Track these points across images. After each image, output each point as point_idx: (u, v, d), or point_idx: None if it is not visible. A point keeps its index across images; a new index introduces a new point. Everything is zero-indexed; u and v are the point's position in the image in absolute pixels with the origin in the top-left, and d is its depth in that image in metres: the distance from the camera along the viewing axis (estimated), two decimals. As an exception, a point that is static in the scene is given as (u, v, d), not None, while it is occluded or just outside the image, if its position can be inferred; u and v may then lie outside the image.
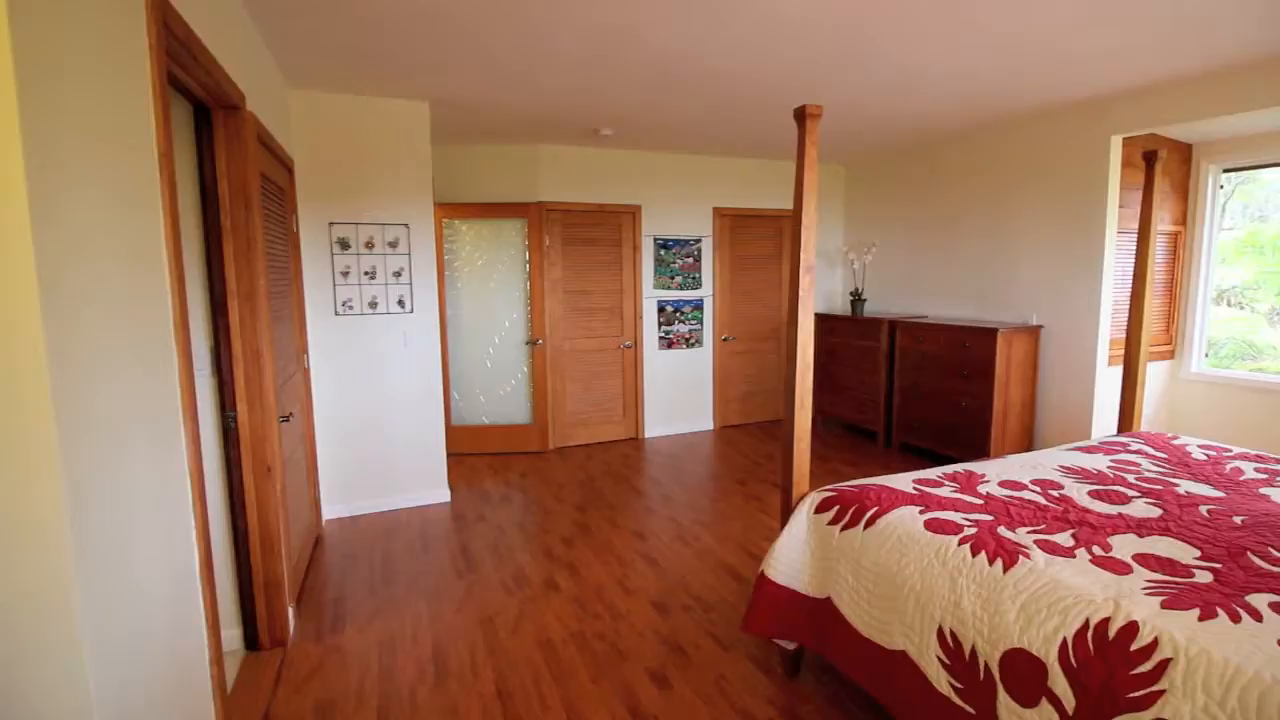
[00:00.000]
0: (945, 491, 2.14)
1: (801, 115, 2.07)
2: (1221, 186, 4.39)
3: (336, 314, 3.59)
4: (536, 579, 2.94)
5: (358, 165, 3.56)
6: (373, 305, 3.66)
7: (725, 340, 5.68)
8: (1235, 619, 1.35)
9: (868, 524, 1.97)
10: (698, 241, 5.46)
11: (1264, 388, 4.15)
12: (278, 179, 2.90)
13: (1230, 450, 2.60)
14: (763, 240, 5.74)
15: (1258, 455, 2.54)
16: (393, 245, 3.67)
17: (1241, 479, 2.27)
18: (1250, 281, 4.49)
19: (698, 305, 5.52)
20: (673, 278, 5.41)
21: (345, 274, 3.59)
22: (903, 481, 2.24)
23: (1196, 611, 1.38)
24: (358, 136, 3.55)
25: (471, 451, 4.93)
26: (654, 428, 5.46)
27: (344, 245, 3.57)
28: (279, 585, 2.37)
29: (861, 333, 5.22)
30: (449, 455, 4.49)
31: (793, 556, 2.12)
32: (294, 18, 2.51)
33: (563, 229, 4.99)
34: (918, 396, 4.72)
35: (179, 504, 1.48)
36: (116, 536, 1.14)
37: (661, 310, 5.40)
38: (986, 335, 4.16)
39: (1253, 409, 4.19)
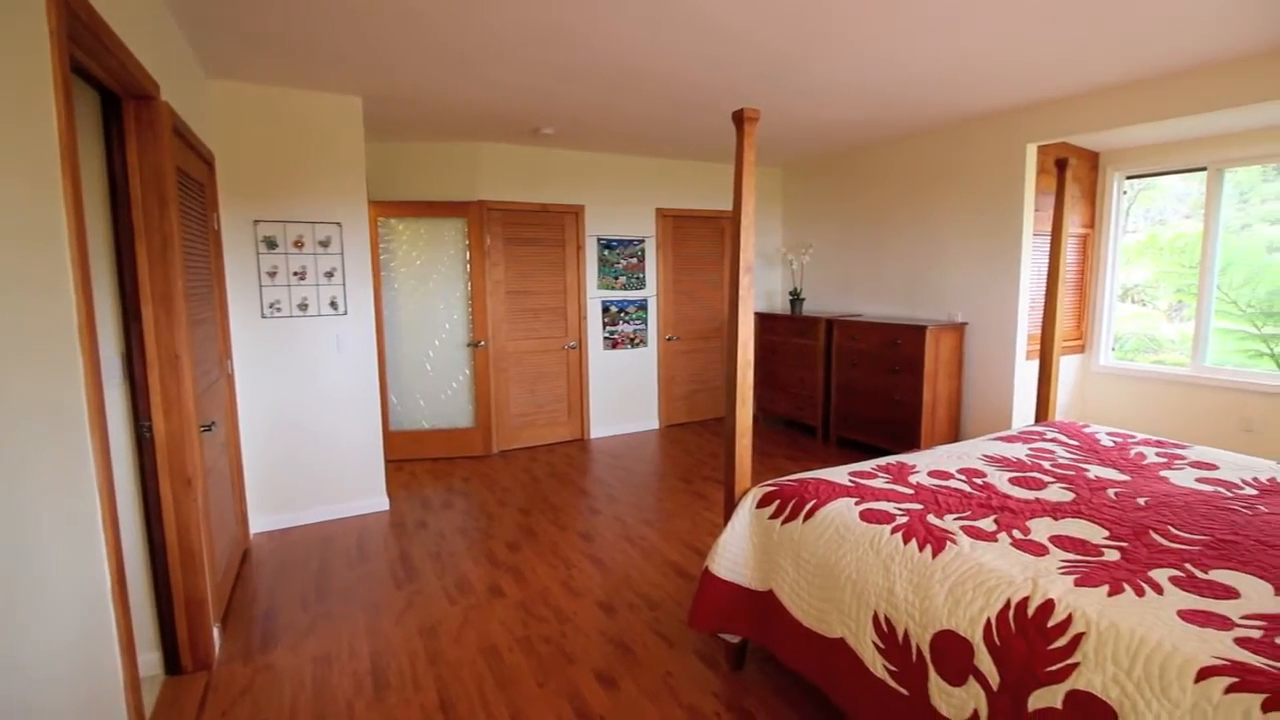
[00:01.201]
0: (879, 483, 2.22)
1: (739, 119, 2.10)
2: (1125, 192, 4.74)
3: (263, 316, 3.42)
4: (480, 585, 2.88)
5: (285, 161, 3.40)
6: (303, 307, 3.50)
7: (670, 340, 5.72)
8: (1140, 593, 1.46)
9: (807, 517, 2.03)
10: (641, 242, 5.48)
11: (1163, 378, 4.50)
12: (196, 174, 2.74)
13: (1134, 437, 2.81)
14: (705, 240, 5.82)
15: (1158, 441, 2.75)
16: (324, 245, 3.52)
17: (1144, 463, 2.45)
18: (1151, 280, 4.86)
19: (642, 305, 5.55)
20: (617, 278, 5.42)
21: (272, 274, 3.42)
22: (839, 474, 2.31)
23: (1106, 588, 1.48)
24: (285, 131, 3.39)
25: (411, 457, 4.79)
26: (599, 428, 5.45)
27: (271, 244, 3.41)
28: (202, 604, 2.24)
29: (800, 331, 5.36)
30: (387, 462, 4.35)
31: (736, 551, 2.16)
32: (211, 4, 2.38)
33: (504, 229, 4.92)
34: (854, 392, 4.89)
35: (87, 521, 1.38)
36: (12, 559, 1.05)
37: (606, 310, 5.40)
38: (916, 333, 4.34)
39: (1154, 398, 4.54)
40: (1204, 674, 1.18)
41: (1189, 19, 2.57)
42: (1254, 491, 2.14)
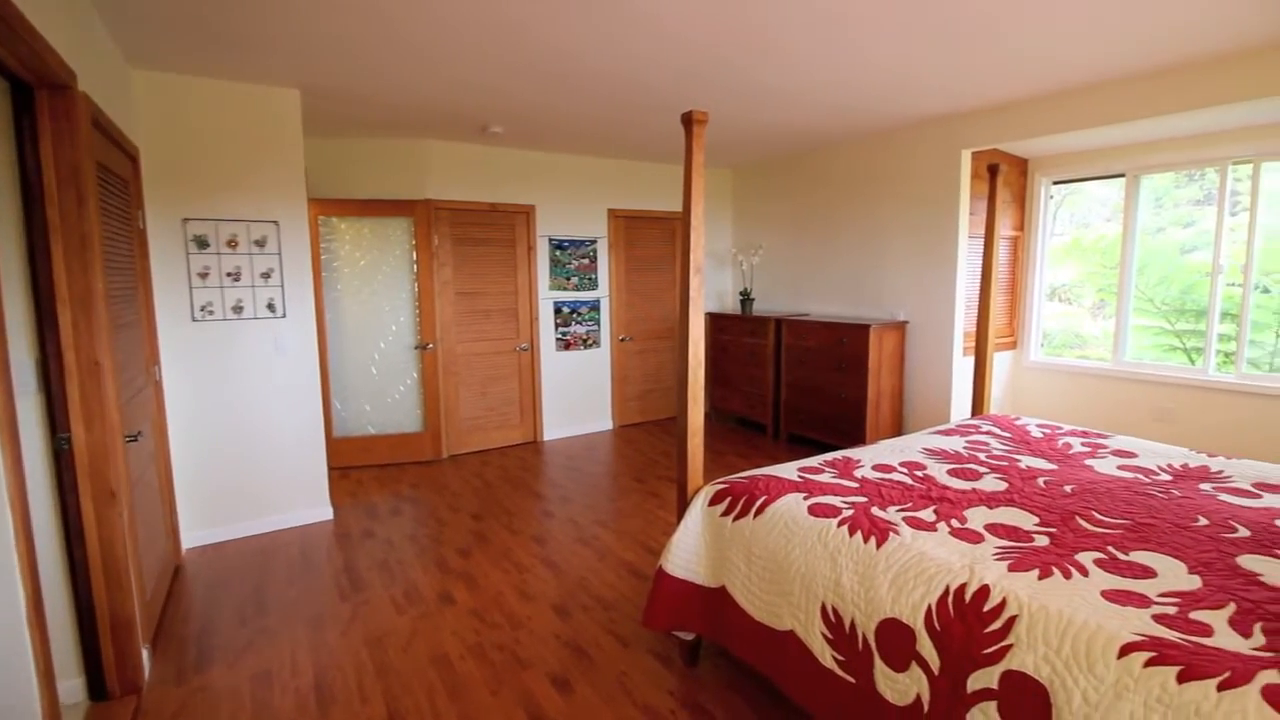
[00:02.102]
0: (826, 477, 2.28)
1: (688, 121, 2.12)
2: (1052, 197, 5.00)
3: (194, 320, 3.26)
4: (430, 593, 2.82)
5: (217, 156, 3.25)
6: (237, 310, 3.35)
7: (623, 340, 5.73)
8: (1067, 575, 1.54)
9: (757, 513, 2.06)
10: (593, 242, 5.47)
11: (1088, 372, 4.77)
12: (119, 169, 2.59)
13: (1062, 428, 2.97)
14: (657, 241, 5.85)
15: (1083, 431, 2.91)
16: (260, 244, 3.38)
17: (1071, 453, 2.59)
18: (1076, 280, 5.15)
19: (594, 306, 5.53)
20: (569, 278, 5.39)
21: (204, 276, 3.26)
22: (788, 470, 2.36)
23: (1036, 572, 1.56)
24: (217, 124, 3.24)
25: (357, 464, 4.65)
26: (553, 430, 5.41)
27: (201, 244, 3.25)
28: (129, 624, 2.11)
29: (751, 330, 5.45)
30: (331, 469, 4.20)
31: (689, 549, 2.18)
32: (133, -10, 2.25)
33: (453, 228, 4.83)
34: (803, 390, 5.00)
35: (-5, 540, 1.28)
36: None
37: (558, 311, 5.36)
38: (861, 331, 4.48)
39: (1079, 391, 4.81)
40: (1125, 650, 1.26)
41: (1105, 37, 2.73)
42: (1169, 477, 2.29)
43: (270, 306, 3.43)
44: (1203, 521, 1.84)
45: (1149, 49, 2.90)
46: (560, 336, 5.39)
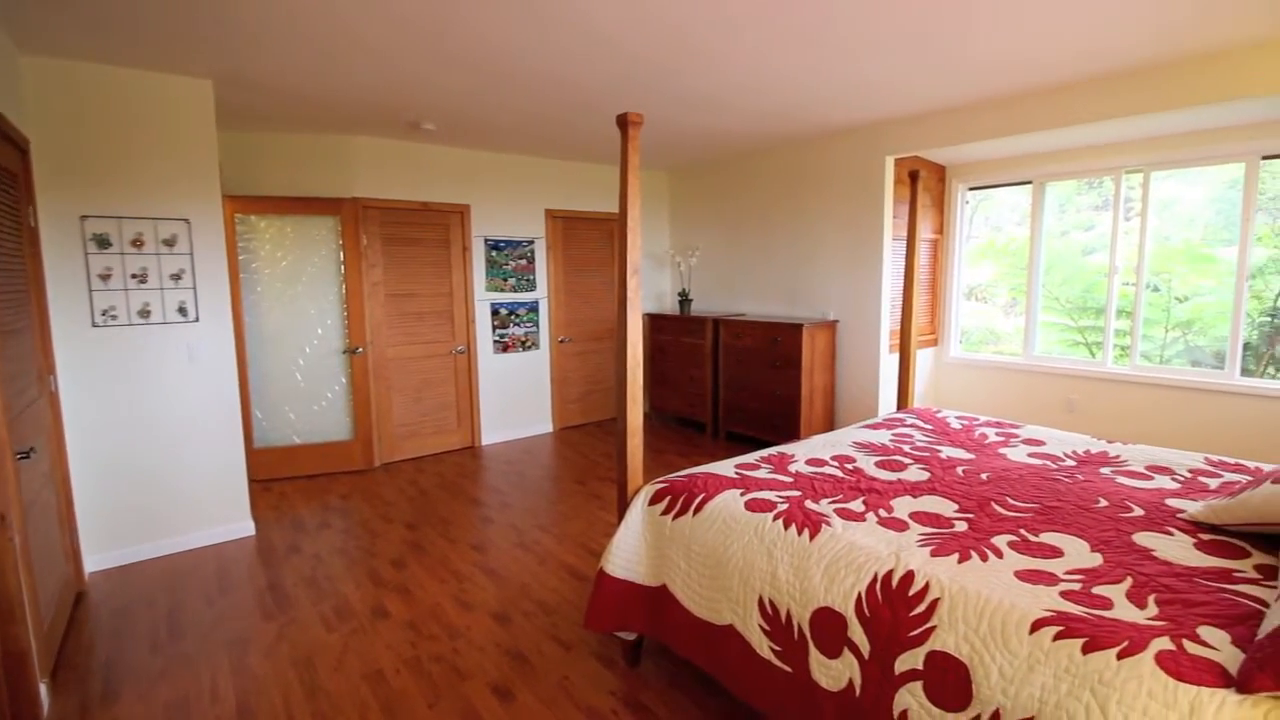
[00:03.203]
0: (762, 473, 2.33)
1: (623, 123, 2.13)
2: (968, 202, 5.29)
3: (95, 325, 3.02)
4: (362, 608, 2.71)
5: (120, 149, 3.03)
6: (144, 314, 3.13)
7: (562, 342, 5.69)
8: (984, 558, 1.63)
9: (696, 510, 2.09)
10: (531, 243, 5.40)
11: (1002, 366, 5.08)
12: (5, 162, 2.37)
13: (978, 419, 3.14)
14: (595, 242, 5.83)
15: (998, 422, 3.09)
16: (169, 243, 3.17)
17: (986, 442, 2.75)
18: (991, 280, 5.47)
19: (533, 307, 5.47)
20: (506, 279, 5.30)
21: (105, 277, 3.03)
22: (726, 468, 2.40)
23: (956, 556, 1.64)
24: (119, 115, 3.01)
25: (281, 476, 4.42)
26: (491, 434, 5.31)
27: (102, 243, 3.02)
28: (23, 658, 1.94)
29: (689, 330, 5.52)
30: (253, 482, 3.98)
31: (629, 549, 2.18)
32: (17, -34, 2.07)
33: (383, 228, 4.67)
34: (740, 388, 5.10)
35: None
36: None
37: (495, 313, 5.27)
38: (794, 330, 4.61)
39: (994, 384, 5.11)
40: (1036, 625, 1.34)
41: (1010, 54, 2.91)
42: (1073, 463, 2.46)
43: (182, 310, 3.22)
44: (1103, 503, 1.99)
45: (1051, 68, 3.11)
46: (498, 338, 5.30)
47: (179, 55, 2.87)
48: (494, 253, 5.21)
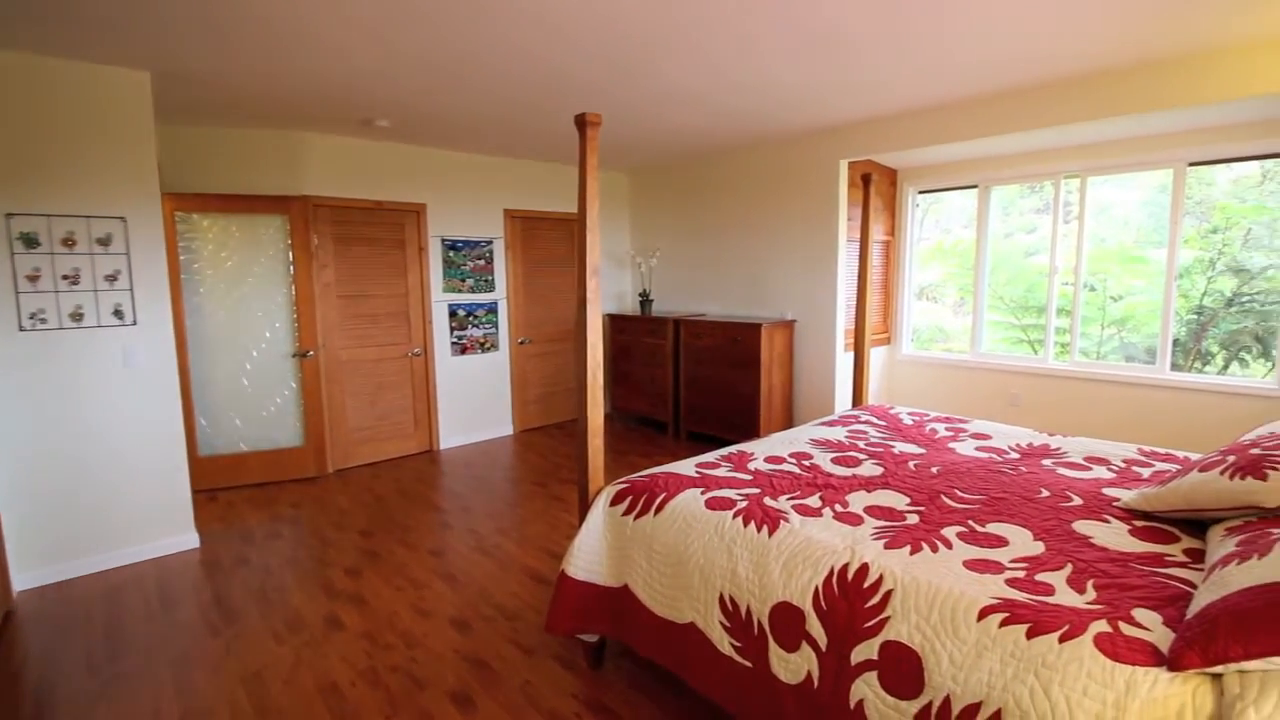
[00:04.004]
0: (722, 472, 2.35)
1: (581, 123, 2.12)
2: (918, 205, 5.45)
3: (22, 329, 2.85)
4: (315, 619, 2.63)
5: (48, 144, 2.86)
6: (76, 317, 2.97)
7: (522, 343, 5.63)
8: (934, 549, 1.68)
9: (657, 510, 2.09)
10: (489, 243, 5.33)
11: (951, 364, 5.25)
12: (-86, 154, 2.21)
13: (929, 415, 3.24)
14: (556, 242, 5.79)
15: (947, 418, 3.19)
16: (104, 243, 3.01)
17: (936, 437, 2.84)
18: (940, 280, 5.65)
19: (492, 308, 5.40)
20: (464, 280, 5.22)
21: (33, 279, 2.86)
22: (687, 467, 2.42)
23: (908, 548, 1.69)
24: (48, 108, 2.85)
25: (228, 485, 4.25)
26: (450, 438, 5.22)
27: (30, 242, 2.85)
28: (-60, 685, 1.81)
29: (650, 331, 5.53)
30: (197, 492, 3.81)
31: (591, 551, 2.17)
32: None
33: (334, 227, 4.54)
34: (700, 388, 5.14)
35: None
36: None
37: (453, 314, 5.18)
38: (753, 330, 4.67)
39: (944, 380, 5.28)
40: (984, 613, 1.39)
41: (956, 62, 3.01)
42: (1017, 455, 2.56)
43: (118, 313, 3.07)
44: (1045, 493, 2.07)
45: (995, 77, 3.23)
46: (456, 340, 5.21)
47: (114, 45, 2.73)
48: (451, 253, 5.13)
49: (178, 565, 3.14)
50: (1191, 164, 4.06)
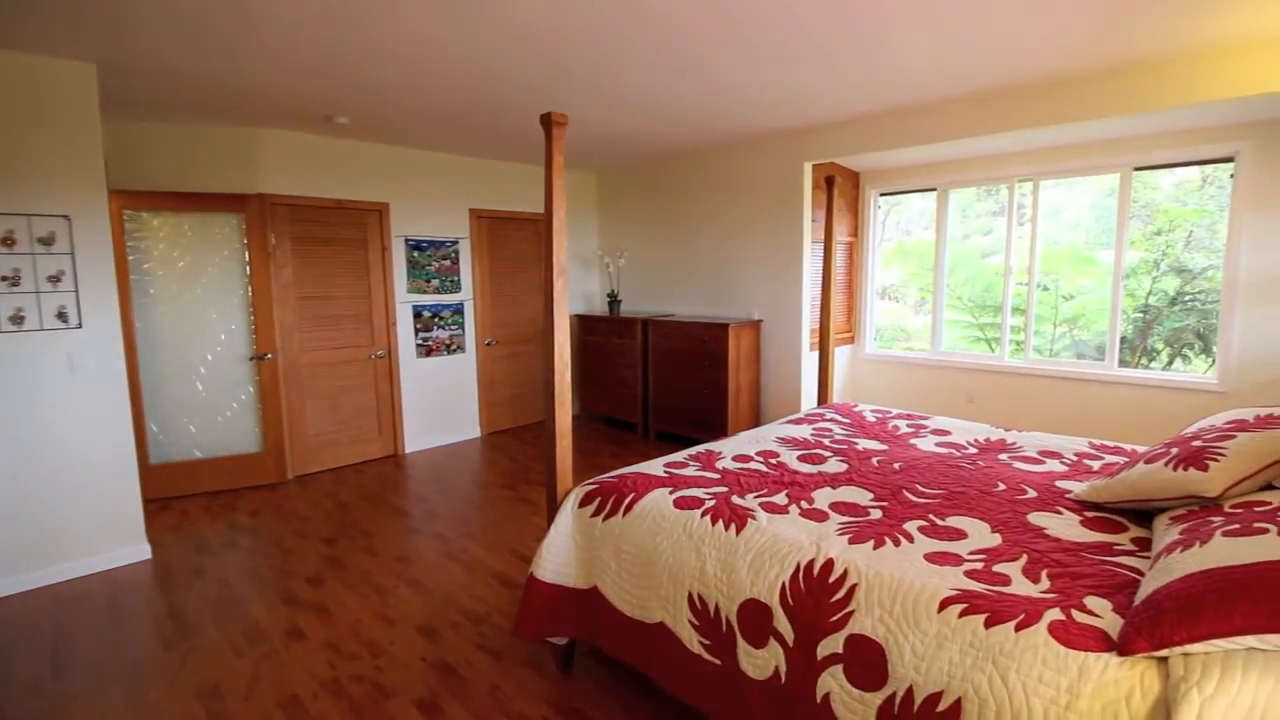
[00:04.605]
0: (690, 471, 2.37)
1: (547, 122, 2.10)
2: (879, 207, 5.57)
3: (-45, 333, 2.71)
4: (275, 630, 2.55)
5: (-19, 138, 2.73)
6: (16, 320, 2.83)
7: (489, 344, 5.56)
8: (897, 544, 1.72)
9: (626, 511, 2.09)
10: (455, 243, 5.26)
11: (912, 362, 5.38)
12: None
13: (891, 412, 3.31)
14: (522, 243, 5.74)
15: (908, 414, 3.26)
16: (46, 242, 2.88)
17: (899, 434, 2.90)
18: (901, 281, 5.78)
19: (458, 309, 5.32)
20: (429, 281, 5.13)
21: (-32, 280, 2.72)
22: (655, 467, 2.42)
23: (872, 542, 1.72)
24: (-21, 100, 2.72)
25: (181, 494, 4.10)
26: (415, 442, 5.13)
27: (-37, 242, 2.71)
28: None
29: (619, 331, 5.53)
30: (148, 502, 3.67)
31: (560, 553, 2.16)
32: None
33: (293, 226, 4.42)
34: (669, 388, 5.16)
35: None
36: None
37: (418, 316, 5.09)
38: (721, 330, 4.71)
39: (905, 378, 5.40)
40: (944, 604, 1.43)
41: (916, 69, 3.09)
42: (975, 450, 2.63)
43: (62, 316, 2.93)
44: (1001, 487, 2.14)
45: (951, 83, 3.32)
46: (421, 342, 5.13)
47: (56, 36, 2.61)
48: (415, 253, 5.04)
49: (128, 578, 3.02)
50: (1137, 169, 4.24)
